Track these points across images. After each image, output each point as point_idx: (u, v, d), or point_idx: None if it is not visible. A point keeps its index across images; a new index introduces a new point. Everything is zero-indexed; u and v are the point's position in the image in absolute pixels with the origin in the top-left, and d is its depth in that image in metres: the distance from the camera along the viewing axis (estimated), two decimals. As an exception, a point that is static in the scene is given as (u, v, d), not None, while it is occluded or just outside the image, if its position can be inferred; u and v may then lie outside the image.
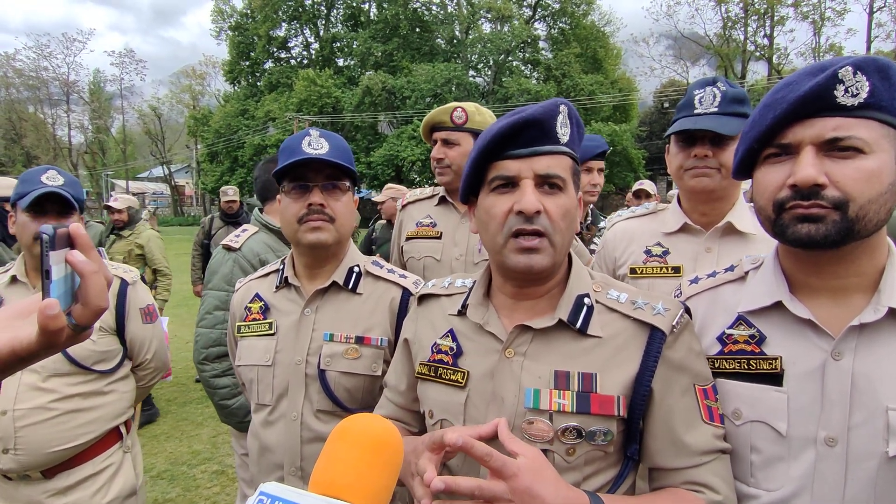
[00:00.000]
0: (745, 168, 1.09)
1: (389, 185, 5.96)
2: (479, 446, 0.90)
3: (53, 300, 0.63)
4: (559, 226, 1.04)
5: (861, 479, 0.94)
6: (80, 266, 0.66)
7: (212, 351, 2.23)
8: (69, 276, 0.67)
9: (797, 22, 32.90)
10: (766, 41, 33.73)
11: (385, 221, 5.81)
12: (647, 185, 5.84)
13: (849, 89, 0.91)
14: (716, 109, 1.56)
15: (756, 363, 1.05)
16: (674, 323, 1.04)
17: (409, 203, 2.45)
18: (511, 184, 1.05)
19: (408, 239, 2.33)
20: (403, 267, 2.35)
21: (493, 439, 0.98)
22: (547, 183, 1.04)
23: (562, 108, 1.06)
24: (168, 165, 49.12)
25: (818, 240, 0.93)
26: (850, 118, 0.92)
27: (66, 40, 48.41)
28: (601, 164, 2.96)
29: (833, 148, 0.93)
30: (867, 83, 0.91)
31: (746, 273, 1.17)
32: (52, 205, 1.83)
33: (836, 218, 0.92)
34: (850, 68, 0.91)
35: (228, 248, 2.37)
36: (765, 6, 32.42)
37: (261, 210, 2.62)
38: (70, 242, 0.68)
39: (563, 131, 1.06)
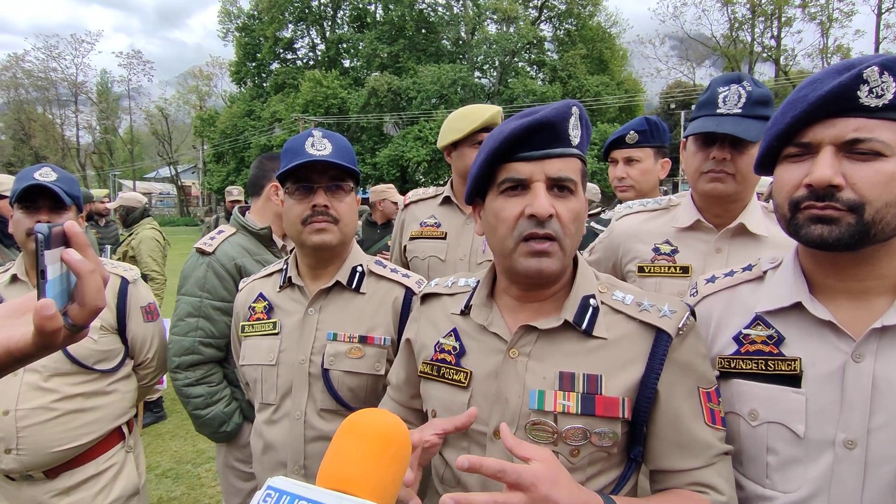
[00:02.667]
0: (766, 164, 1.07)
1: (381, 186, 5.78)
2: (490, 464, 0.87)
3: (49, 300, 0.61)
4: (570, 230, 1.03)
5: (880, 483, 0.93)
6: (75, 265, 0.65)
7: (185, 359, 2.12)
8: (65, 275, 0.66)
9: (805, 23, 32.75)
10: (773, 42, 33.58)
11: (368, 223, 5.59)
12: None
13: (873, 90, 0.90)
14: (739, 111, 1.50)
15: (774, 364, 1.04)
16: (679, 325, 1.04)
17: (412, 203, 2.43)
18: (521, 186, 1.03)
19: (411, 238, 2.32)
20: (406, 266, 2.33)
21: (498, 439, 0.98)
22: (557, 186, 1.03)
23: (574, 109, 1.05)
24: (175, 166, 49.37)
25: (830, 242, 0.92)
26: (873, 119, 0.90)
27: (74, 41, 48.93)
28: (628, 153, 2.54)
29: (853, 149, 0.91)
30: (894, 84, 0.89)
31: (765, 273, 1.15)
32: (44, 200, 1.83)
33: (850, 221, 0.91)
34: (876, 68, 0.89)
35: (202, 252, 2.19)
36: (772, 7, 32.27)
37: (242, 211, 2.46)
38: (65, 241, 0.66)
39: (575, 133, 1.05)
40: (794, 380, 1.01)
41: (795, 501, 1.00)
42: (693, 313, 1.09)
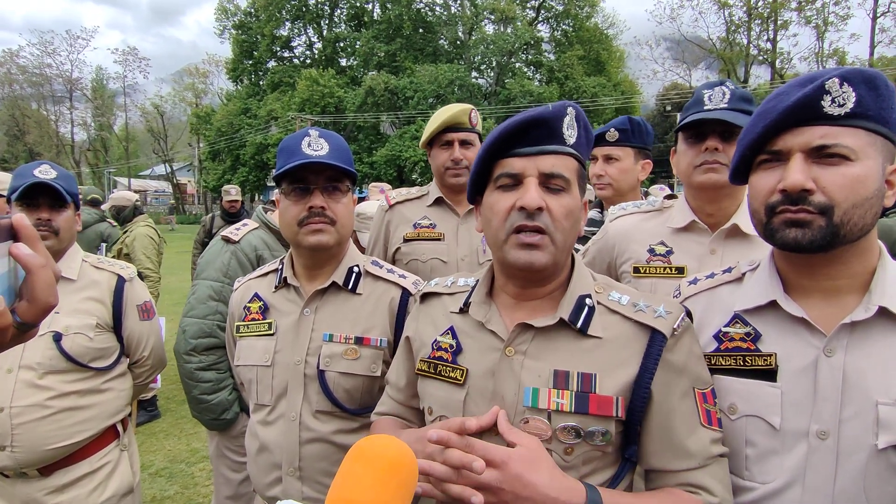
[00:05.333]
0: (741, 173, 1.13)
1: (375, 184, 5.76)
2: (457, 440, 0.93)
3: None
4: (561, 224, 1.05)
5: (851, 471, 0.97)
6: (25, 259, 0.60)
7: (201, 342, 2.16)
8: (12, 270, 0.62)
9: (800, 26, 32.91)
10: (769, 45, 33.74)
11: None
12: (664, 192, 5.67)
13: (835, 100, 0.96)
14: (725, 105, 1.56)
15: (751, 360, 1.08)
16: (675, 326, 1.05)
17: (398, 203, 2.39)
18: (516, 181, 1.06)
19: (406, 240, 2.29)
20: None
21: (494, 430, 1.01)
22: (551, 182, 1.05)
23: (569, 110, 1.07)
24: (170, 163, 49.15)
25: (804, 244, 0.97)
26: (837, 127, 0.96)
27: (69, 37, 48.61)
28: (608, 151, 2.58)
29: (820, 155, 0.97)
30: (854, 94, 0.95)
31: (743, 274, 1.20)
32: (44, 198, 1.85)
33: (821, 223, 0.96)
34: (836, 80, 0.96)
35: (227, 240, 2.30)
36: (768, 11, 32.41)
37: (265, 209, 2.59)
38: (13, 235, 0.62)
39: (570, 133, 1.08)
40: (770, 374, 1.06)
41: (773, 491, 1.03)
42: (689, 314, 1.10)
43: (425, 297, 1.32)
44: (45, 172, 1.86)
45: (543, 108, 1.06)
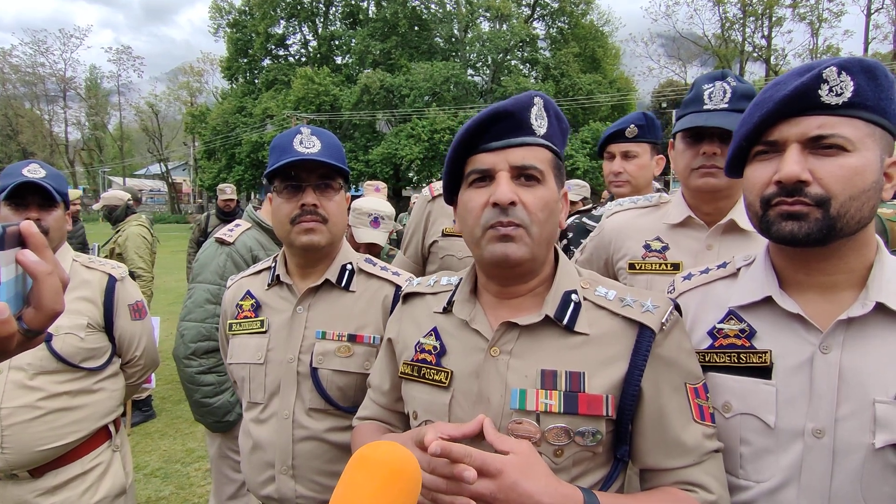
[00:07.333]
0: (736, 165, 1.10)
1: (370, 182, 5.71)
2: (457, 449, 0.89)
3: (2, 304, 0.57)
4: (537, 217, 1.02)
5: (847, 471, 0.96)
6: (32, 266, 0.61)
7: (200, 346, 2.16)
8: (20, 277, 0.62)
9: (795, 23, 33.07)
10: (763, 42, 33.86)
11: None
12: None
13: (833, 89, 0.94)
14: (726, 106, 1.52)
15: (746, 357, 1.07)
16: (663, 320, 1.02)
17: (440, 196, 2.26)
18: (487, 177, 1.04)
19: (445, 235, 2.20)
20: (425, 261, 2.24)
21: (479, 436, 0.98)
22: (523, 175, 1.02)
23: (536, 99, 1.05)
24: (165, 163, 48.99)
25: (800, 238, 0.95)
26: (835, 117, 0.94)
27: (63, 36, 48.35)
28: (626, 147, 2.48)
29: (817, 145, 0.95)
30: (852, 83, 0.93)
31: (738, 270, 1.18)
32: (33, 197, 1.82)
33: (818, 216, 0.94)
34: (834, 69, 0.94)
35: (222, 242, 2.29)
36: (762, 7, 32.51)
37: (255, 207, 2.58)
38: (21, 241, 0.62)
39: (539, 123, 1.05)
40: (764, 371, 1.04)
41: (768, 490, 1.02)
42: (678, 308, 1.08)
43: (408, 297, 1.28)
44: (34, 171, 1.83)
45: (508, 99, 1.04)
